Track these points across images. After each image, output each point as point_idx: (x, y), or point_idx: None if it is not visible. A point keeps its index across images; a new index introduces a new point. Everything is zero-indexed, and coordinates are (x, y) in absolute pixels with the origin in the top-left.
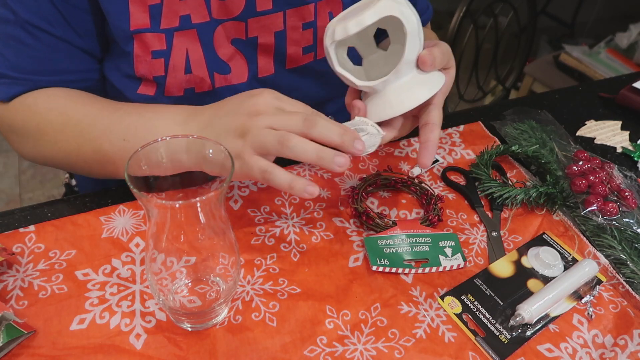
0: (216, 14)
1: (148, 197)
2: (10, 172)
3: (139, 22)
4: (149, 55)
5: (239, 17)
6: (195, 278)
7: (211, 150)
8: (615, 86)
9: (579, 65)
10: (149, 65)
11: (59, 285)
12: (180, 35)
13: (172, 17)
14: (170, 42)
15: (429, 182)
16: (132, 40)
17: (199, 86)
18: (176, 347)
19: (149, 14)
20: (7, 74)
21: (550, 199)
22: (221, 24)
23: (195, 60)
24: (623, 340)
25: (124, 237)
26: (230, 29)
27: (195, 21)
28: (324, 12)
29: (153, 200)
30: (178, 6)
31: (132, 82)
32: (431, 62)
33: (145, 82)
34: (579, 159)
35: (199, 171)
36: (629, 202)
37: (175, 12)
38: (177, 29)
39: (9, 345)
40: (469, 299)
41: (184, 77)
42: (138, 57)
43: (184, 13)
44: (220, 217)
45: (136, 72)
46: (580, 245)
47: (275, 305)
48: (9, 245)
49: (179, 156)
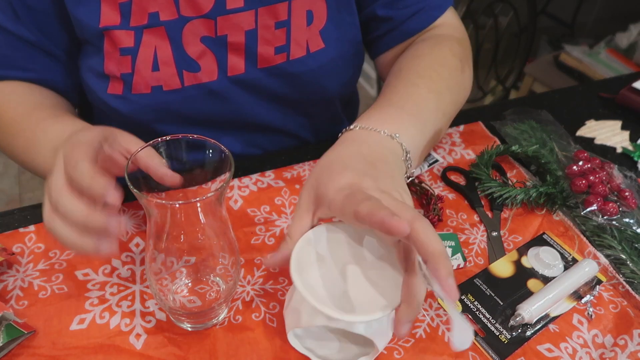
0: (184, 11)
1: (148, 197)
2: (10, 172)
3: (109, 19)
4: (117, 52)
5: (208, 15)
6: (195, 278)
7: (210, 151)
8: (615, 86)
9: (579, 65)
10: (117, 62)
11: (59, 285)
12: (148, 32)
13: (141, 15)
14: (139, 39)
15: (429, 182)
16: (103, 37)
17: (167, 84)
18: (176, 347)
19: (119, 12)
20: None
21: (550, 199)
22: (190, 22)
23: (163, 57)
24: (623, 340)
25: (124, 237)
26: (199, 26)
27: (163, 18)
28: (301, 11)
29: (153, 201)
30: (147, 3)
31: (103, 81)
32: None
33: (113, 81)
34: (579, 159)
35: (199, 171)
36: (629, 202)
37: (144, 10)
38: (145, 26)
39: (9, 345)
40: (469, 299)
41: (151, 74)
42: (108, 54)
43: (153, 10)
44: (220, 217)
45: (105, 69)
46: (580, 245)
47: (275, 305)
48: (9, 245)
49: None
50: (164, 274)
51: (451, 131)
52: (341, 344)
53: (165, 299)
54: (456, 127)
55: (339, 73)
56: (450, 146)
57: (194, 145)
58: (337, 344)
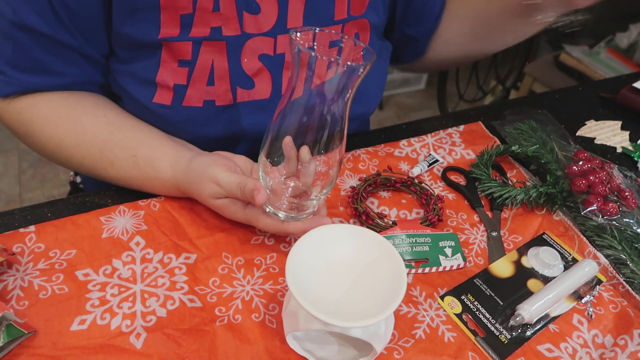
0: (247, 28)
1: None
2: (10, 172)
3: (168, 30)
4: (175, 62)
5: (269, 33)
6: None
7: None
8: (615, 86)
9: (579, 65)
10: (172, 72)
11: (60, 285)
12: (208, 45)
13: (203, 27)
14: (197, 51)
15: (429, 182)
16: (161, 47)
17: (220, 99)
18: (176, 346)
19: (179, 23)
20: (3, 71)
21: (550, 199)
22: (251, 39)
23: (219, 72)
24: (623, 340)
25: (124, 237)
26: (259, 43)
27: (226, 33)
28: (350, 33)
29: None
30: (210, 17)
31: (148, 88)
32: None
33: (161, 90)
34: (579, 159)
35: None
36: (629, 202)
37: (207, 23)
38: (206, 38)
39: (10, 345)
40: (469, 299)
41: (205, 88)
42: (165, 64)
43: (216, 25)
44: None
45: (157, 78)
46: (580, 245)
47: (274, 307)
48: (9, 245)
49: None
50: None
51: (451, 131)
52: (340, 346)
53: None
54: (456, 127)
55: (376, 92)
56: (450, 146)
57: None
58: (335, 346)
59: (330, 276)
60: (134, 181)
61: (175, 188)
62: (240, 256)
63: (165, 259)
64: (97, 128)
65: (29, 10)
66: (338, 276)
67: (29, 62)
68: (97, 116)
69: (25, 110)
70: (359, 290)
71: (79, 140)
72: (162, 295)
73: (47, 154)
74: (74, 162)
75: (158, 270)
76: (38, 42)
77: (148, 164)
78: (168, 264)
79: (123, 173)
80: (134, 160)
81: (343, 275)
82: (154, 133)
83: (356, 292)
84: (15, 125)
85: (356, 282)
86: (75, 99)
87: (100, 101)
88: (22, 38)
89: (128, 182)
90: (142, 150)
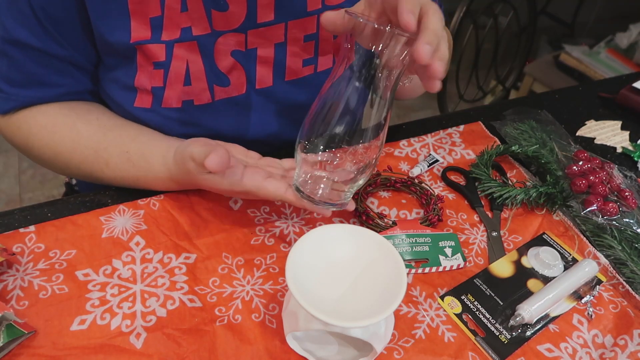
0: (217, 25)
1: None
2: (10, 172)
3: (139, 34)
4: (150, 65)
5: (239, 29)
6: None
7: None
8: (615, 86)
9: (579, 65)
10: (149, 75)
11: (60, 285)
12: (180, 46)
13: (173, 29)
14: (170, 53)
15: (429, 182)
16: (135, 51)
17: (198, 98)
18: (176, 346)
19: (149, 26)
20: (1, 88)
21: (550, 199)
22: (222, 36)
23: (195, 72)
24: (623, 340)
25: (124, 237)
26: (230, 40)
27: (196, 33)
28: None
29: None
30: (179, 18)
31: (129, 94)
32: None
33: (141, 94)
34: (579, 159)
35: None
36: (629, 202)
37: (177, 24)
38: (177, 40)
39: (10, 345)
40: (469, 299)
41: (182, 88)
42: (141, 67)
43: (185, 25)
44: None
45: (135, 82)
46: (580, 245)
47: (274, 307)
48: (9, 245)
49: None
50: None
51: (451, 131)
52: (340, 346)
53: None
54: (456, 127)
55: None
56: (450, 146)
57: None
58: (335, 346)
59: (330, 276)
60: (131, 178)
61: (170, 179)
62: (240, 256)
63: (165, 259)
64: (90, 131)
65: (18, 25)
66: (338, 276)
67: (23, 76)
68: (90, 121)
69: (24, 123)
70: (358, 290)
71: (75, 145)
72: (162, 295)
73: (46, 163)
74: (73, 168)
75: (158, 270)
76: (30, 56)
77: (141, 158)
78: (168, 264)
79: (119, 172)
80: (127, 156)
81: (343, 275)
82: (144, 130)
83: (356, 292)
84: (16, 140)
85: (356, 282)
86: (70, 107)
87: (93, 107)
88: (15, 53)
89: (126, 181)
90: (134, 146)
